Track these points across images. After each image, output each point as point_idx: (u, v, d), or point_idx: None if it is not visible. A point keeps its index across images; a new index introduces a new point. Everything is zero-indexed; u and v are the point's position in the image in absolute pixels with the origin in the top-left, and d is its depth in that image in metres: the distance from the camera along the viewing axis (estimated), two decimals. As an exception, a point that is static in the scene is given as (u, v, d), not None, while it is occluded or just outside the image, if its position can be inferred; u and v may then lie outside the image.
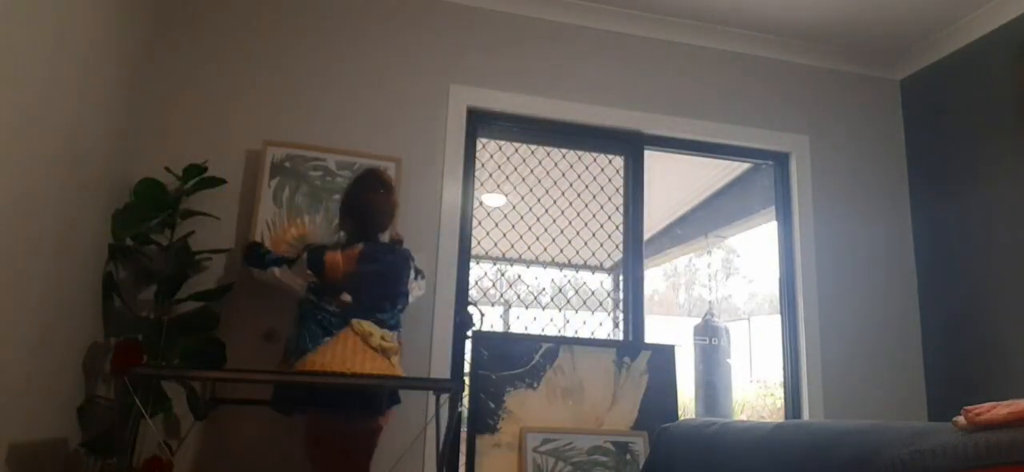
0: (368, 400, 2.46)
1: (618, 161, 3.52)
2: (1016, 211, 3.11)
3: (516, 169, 3.44)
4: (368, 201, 2.65)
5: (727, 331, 4.58)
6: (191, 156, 2.80)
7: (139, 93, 2.84)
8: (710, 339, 4.51)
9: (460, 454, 2.98)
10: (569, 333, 3.33)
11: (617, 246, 3.46)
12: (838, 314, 3.45)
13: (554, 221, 3.41)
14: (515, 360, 2.96)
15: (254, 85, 3.04)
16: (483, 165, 3.37)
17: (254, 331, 2.78)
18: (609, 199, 3.49)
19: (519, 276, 3.67)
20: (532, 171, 3.44)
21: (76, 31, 2.29)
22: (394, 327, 2.53)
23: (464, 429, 2.92)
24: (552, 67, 3.38)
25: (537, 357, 2.98)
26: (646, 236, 3.46)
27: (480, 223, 3.31)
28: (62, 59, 2.21)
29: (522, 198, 3.43)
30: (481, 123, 3.30)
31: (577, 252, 3.42)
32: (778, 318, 3.56)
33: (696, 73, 3.57)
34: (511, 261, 3.60)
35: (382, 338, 2.43)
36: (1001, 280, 3.15)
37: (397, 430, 2.83)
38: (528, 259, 3.47)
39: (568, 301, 3.41)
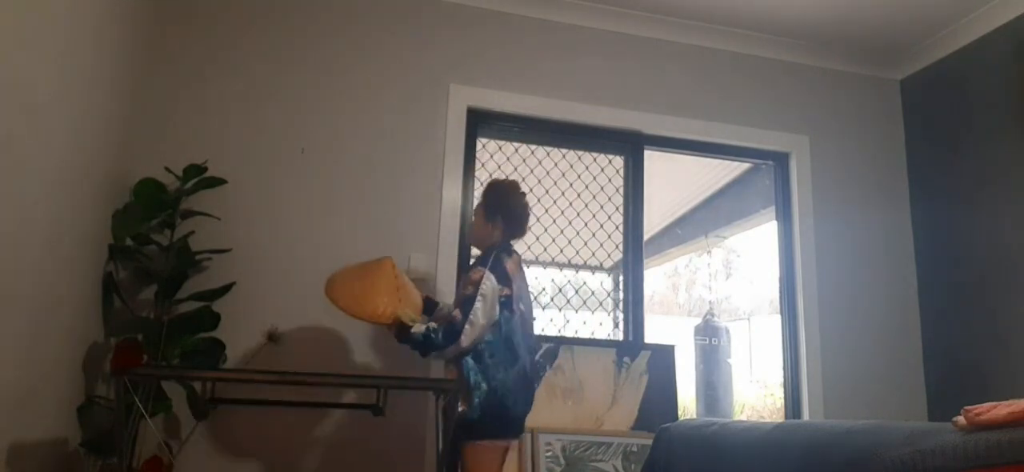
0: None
1: (618, 161, 3.52)
2: (1016, 211, 3.11)
3: (516, 169, 3.44)
4: (524, 205, 2.56)
5: (727, 331, 4.57)
6: (191, 156, 2.80)
7: (139, 93, 2.84)
8: (710, 339, 4.50)
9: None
10: (569, 333, 3.33)
11: (617, 246, 3.46)
12: (838, 314, 3.45)
13: (554, 221, 3.41)
14: (515, 360, 2.95)
15: (254, 85, 3.04)
16: (483, 165, 3.37)
17: (254, 331, 2.78)
18: (609, 199, 3.49)
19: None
20: (532, 171, 3.44)
21: (76, 32, 2.29)
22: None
23: (464, 429, 2.91)
24: (552, 67, 3.38)
25: (537, 357, 2.98)
26: (646, 236, 3.46)
27: (480, 223, 3.30)
28: (61, 59, 2.20)
29: (522, 198, 3.42)
30: (481, 123, 3.30)
31: (577, 252, 3.42)
32: (778, 318, 3.56)
33: (696, 73, 3.57)
34: (511, 261, 3.58)
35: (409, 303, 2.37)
36: (1001, 279, 3.15)
37: (397, 430, 2.83)
38: (528, 259, 3.46)
39: (568, 301, 3.41)
